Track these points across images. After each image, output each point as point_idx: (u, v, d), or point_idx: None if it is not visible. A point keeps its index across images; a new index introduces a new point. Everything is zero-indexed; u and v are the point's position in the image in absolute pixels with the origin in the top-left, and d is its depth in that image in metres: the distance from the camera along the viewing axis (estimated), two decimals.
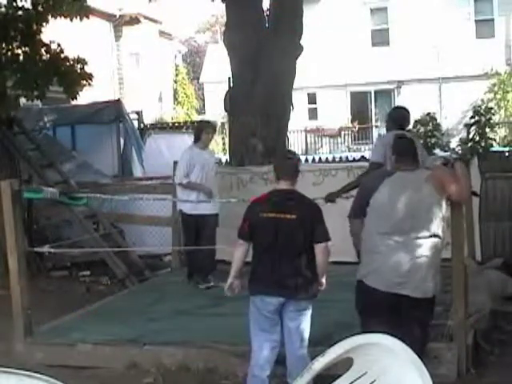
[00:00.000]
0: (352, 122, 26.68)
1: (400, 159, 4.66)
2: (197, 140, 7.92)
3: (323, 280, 4.65)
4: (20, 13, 9.08)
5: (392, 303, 4.49)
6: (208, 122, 9.07)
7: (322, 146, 26.56)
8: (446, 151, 12.84)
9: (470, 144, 10.66)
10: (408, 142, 4.90)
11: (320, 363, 3.21)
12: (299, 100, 21.90)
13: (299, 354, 4.60)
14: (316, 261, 4.52)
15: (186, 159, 7.76)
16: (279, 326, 4.60)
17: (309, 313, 4.64)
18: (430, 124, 16.03)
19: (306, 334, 4.67)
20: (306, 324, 4.64)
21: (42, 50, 9.11)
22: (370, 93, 26.76)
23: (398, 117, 6.44)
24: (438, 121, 17.23)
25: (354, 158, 10.09)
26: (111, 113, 11.91)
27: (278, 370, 4.74)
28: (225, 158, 13.00)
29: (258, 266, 4.60)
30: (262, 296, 4.54)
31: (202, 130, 7.94)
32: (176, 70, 32.14)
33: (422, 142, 14.36)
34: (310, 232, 4.48)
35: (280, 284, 4.47)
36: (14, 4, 9.07)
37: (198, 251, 7.74)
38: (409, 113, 6.55)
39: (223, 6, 10.34)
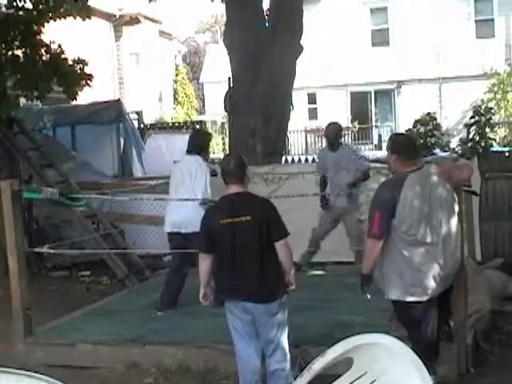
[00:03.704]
0: (352, 122, 26.66)
1: (407, 159, 4.50)
2: (201, 151, 6.90)
3: (291, 277, 4.52)
4: (20, 13, 9.08)
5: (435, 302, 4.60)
6: (205, 131, 8.67)
7: (322, 145, 26.52)
8: (446, 151, 12.83)
9: (470, 144, 10.65)
10: (407, 138, 4.95)
11: (320, 363, 3.22)
12: (299, 100, 21.91)
13: (273, 369, 4.51)
14: (279, 259, 4.43)
15: (207, 175, 6.79)
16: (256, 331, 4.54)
17: (282, 317, 4.50)
18: (430, 124, 16.00)
19: (285, 344, 4.52)
20: (281, 332, 4.49)
21: (42, 51, 9.11)
22: (370, 93, 26.75)
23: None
24: (438, 121, 17.19)
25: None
26: (111, 113, 11.91)
27: None
28: None
29: (222, 274, 4.52)
30: (230, 300, 4.51)
31: (209, 141, 7.19)
32: (176, 70, 32.11)
33: (422, 141, 14.33)
34: (267, 231, 4.39)
35: (246, 289, 4.41)
36: (14, 4, 9.07)
37: None
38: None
39: (223, 5, 10.35)
